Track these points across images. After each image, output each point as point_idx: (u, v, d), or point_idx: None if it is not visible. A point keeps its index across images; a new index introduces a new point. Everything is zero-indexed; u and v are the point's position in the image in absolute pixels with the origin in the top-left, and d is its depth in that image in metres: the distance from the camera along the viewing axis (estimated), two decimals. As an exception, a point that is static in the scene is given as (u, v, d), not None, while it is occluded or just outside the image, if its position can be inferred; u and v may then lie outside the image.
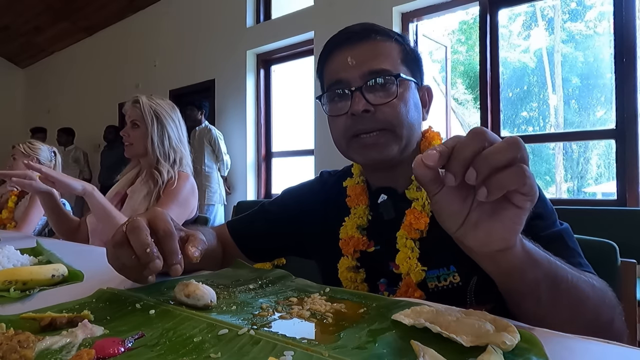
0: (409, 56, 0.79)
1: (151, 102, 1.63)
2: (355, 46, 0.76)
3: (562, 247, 0.65)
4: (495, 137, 0.42)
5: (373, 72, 0.74)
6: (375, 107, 0.74)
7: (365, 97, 0.74)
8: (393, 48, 0.78)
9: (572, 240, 0.68)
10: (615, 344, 0.40)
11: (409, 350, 0.38)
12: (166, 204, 1.50)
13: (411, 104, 0.77)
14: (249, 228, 0.95)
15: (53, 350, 0.40)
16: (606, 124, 6.47)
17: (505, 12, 3.18)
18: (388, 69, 0.75)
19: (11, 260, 0.78)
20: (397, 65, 0.77)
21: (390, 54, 0.77)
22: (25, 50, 7.47)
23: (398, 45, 0.79)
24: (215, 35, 4.73)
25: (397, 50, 0.78)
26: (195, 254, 0.60)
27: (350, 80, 0.75)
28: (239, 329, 0.44)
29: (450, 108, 3.81)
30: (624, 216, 2.17)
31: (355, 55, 0.76)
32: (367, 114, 0.74)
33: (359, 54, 0.76)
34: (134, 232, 0.57)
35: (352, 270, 0.81)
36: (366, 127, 0.75)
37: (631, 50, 2.51)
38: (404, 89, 0.76)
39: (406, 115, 0.75)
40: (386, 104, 0.74)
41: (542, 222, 0.68)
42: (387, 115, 0.74)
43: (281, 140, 4.53)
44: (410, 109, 0.76)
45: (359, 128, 0.75)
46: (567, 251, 0.65)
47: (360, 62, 0.75)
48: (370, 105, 0.73)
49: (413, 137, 0.78)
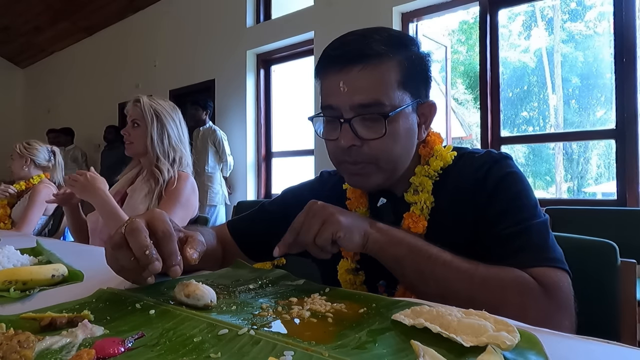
0: (410, 73, 0.74)
1: (152, 102, 1.64)
2: (349, 70, 0.71)
3: (524, 244, 0.68)
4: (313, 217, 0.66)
5: (363, 106, 0.71)
6: (362, 141, 0.73)
7: (354, 130, 0.72)
8: (391, 70, 0.72)
9: (540, 235, 0.69)
10: (615, 344, 0.40)
11: (409, 350, 0.38)
12: (169, 206, 1.50)
13: (402, 135, 0.74)
14: (249, 227, 0.95)
15: (53, 350, 0.40)
16: (606, 124, 6.47)
17: (505, 12, 3.17)
18: (380, 101, 0.71)
19: (11, 260, 0.78)
20: (393, 91, 0.72)
21: (386, 80, 0.72)
22: (25, 50, 7.47)
23: (397, 65, 0.72)
24: (215, 35, 4.73)
25: (396, 71, 0.72)
26: (193, 256, 0.59)
27: (341, 108, 0.73)
28: (239, 329, 0.44)
29: (450, 108, 3.81)
30: (624, 216, 2.17)
31: (347, 81, 0.71)
32: (354, 147, 0.74)
33: (351, 81, 0.71)
34: (132, 234, 0.57)
35: (351, 272, 0.81)
36: (352, 159, 0.75)
37: (631, 50, 2.50)
38: (395, 124, 0.73)
39: (393, 149, 0.74)
40: (374, 140, 0.73)
41: (514, 217, 0.70)
42: (374, 150, 0.73)
43: (281, 140, 4.53)
44: (399, 142, 0.74)
45: (345, 159, 0.76)
46: (529, 247, 0.67)
47: (351, 91, 0.71)
48: (358, 140, 0.73)
49: (400, 165, 0.78)
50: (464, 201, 0.75)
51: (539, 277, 0.64)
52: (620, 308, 0.80)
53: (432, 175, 0.78)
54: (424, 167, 0.79)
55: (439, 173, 0.78)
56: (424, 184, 0.78)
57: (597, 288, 0.81)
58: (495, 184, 0.72)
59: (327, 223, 0.64)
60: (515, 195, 0.72)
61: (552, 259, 0.67)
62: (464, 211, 0.74)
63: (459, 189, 0.76)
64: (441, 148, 0.81)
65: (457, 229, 0.74)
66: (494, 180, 0.73)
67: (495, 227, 0.70)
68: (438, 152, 0.80)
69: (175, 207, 1.52)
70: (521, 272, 0.64)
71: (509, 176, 0.73)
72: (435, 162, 0.79)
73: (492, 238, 0.70)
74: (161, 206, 1.52)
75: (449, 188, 0.77)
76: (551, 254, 0.68)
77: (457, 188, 0.76)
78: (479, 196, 0.73)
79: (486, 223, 0.72)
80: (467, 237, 0.73)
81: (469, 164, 0.77)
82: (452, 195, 0.76)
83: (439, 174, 0.78)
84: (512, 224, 0.69)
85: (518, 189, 0.72)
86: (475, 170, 0.75)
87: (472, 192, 0.74)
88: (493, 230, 0.70)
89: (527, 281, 0.63)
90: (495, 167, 0.74)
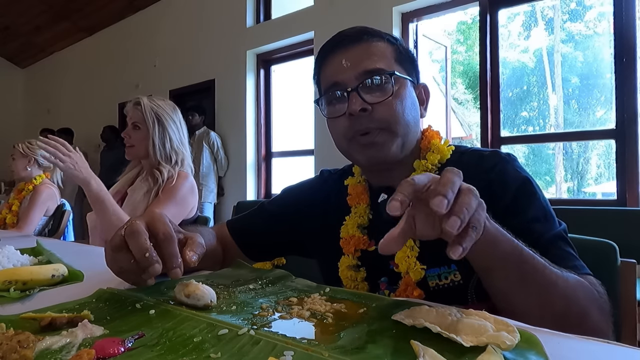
0: (402, 55, 0.80)
1: (152, 104, 1.62)
2: (349, 49, 0.78)
3: (559, 252, 0.67)
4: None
5: (368, 72, 0.75)
6: (372, 106, 0.74)
7: (361, 96, 0.74)
8: (386, 48, 0.79)
9: (567, 242, 0.69)
10: (615, 344, 0.40)
11: (409, 350, 0.38)
12: (163, 202, 1.49)
13: (408, 101, 0.77)
14: (249, 227, 0.95)
15: (53, 350, 0.40)
16: (606, 124, 6.48)
17: (504, 12, 3.17)
18: (382, 68, 0.76)
19: (11, 260, 0.78)
20: (392, 64, 0.78)
21: (384, 53, 0.78)
22: (25, 50, 7.46)
23: (391, 45, 0.80)
24: (215, 35, 4.73)
25: (391, 50, 0.79)
26: (192, 259, 0.59)
27: (346, 81, 0.76)
28: (239, 329, 0.44)
29: (450, 108, 3.81)
30: (624, 216, 2.17)
31: (349, 58, 0.77)
32: (365, 113, 0.74)
33: (353, 56, 0.77)
34: (132, 236, 0.57)
35: (352, 269, 0.81)
36: (364, 127, 0.75)
37: (631, 50, 2.50)
38: (399, 87, 0.77)
39: (403, 112, 0.76)
40: (383, 103, 0.74)
41: (541, 225, 0.69)
42: (384, 113, 0.75)
43: (281, 140, 4.53)
44: (407, 107, 0.77)
45: (357, 129, 0.76)
46: (564, 255, 0.66)
47: (354, 64, 0.76)
48: (367, 104, 0.74)
49: (410, 134, 0.78)
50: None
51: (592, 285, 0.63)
52: (620, 308, 0.80)
53: (430, 169, 0.78)
54: (422, 162, 0.79)
55: (437, 167, 0.78)
56: None
57: (597, 288, 0.81)
58: (516, 191, 0.71)
59: (480, 207, 0.49)
60: (539, 204, 0.71)
61: (583, 266, 0.67)
62: None
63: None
64: (438, 142, 0.81)
65: None
66: (514, 186, 0.72)
67: (530, 234, 0.64)
68: (435, 146, 0.80)
69: (169, 204, 1.49)
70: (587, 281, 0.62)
71: (530, 184, 0.73)
72: (432, 156, 0.79)
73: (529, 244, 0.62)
74: (155, 202, 1.50)
75: None
76: (580, 261, 0.67)
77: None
78: (498, 200, 0.69)
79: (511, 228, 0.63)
80: None
81: (476, 162, 0.76)
82: None
83: (437, 167, 0.78)
84: (545, 231, 0.68)
85: (539, 198, 0.72)
86: (487, 170, 0.74)
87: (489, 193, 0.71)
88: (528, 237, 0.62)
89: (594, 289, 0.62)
90: (510, 170, 0.74)
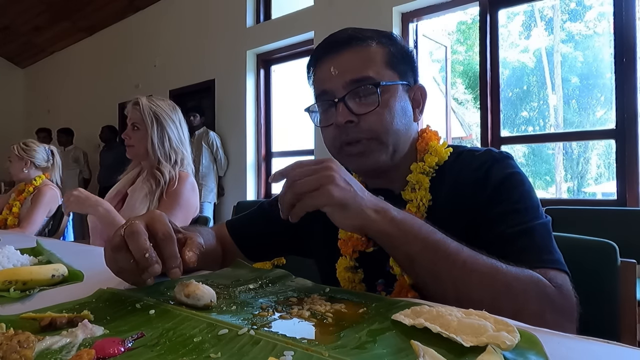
0: (395, 58, 0.78)
1: (151, 104, 1.62)
2: (338, 55, 0.76)
3: (527, 244, 0.67)
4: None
5: (355, 81, 0.74)
6: (359, 117, 0.74)
7: (348, 107, 0.74)
8: (376, 52, 0.77)
9: (543, 236, 0.69)
10: (615, 344, 0.40)
11: (409, 350, 0.38)
12: (169, 208, 1.50)
13: (397, 109, 0.76)
14: (248, 227, 0.95)
15: (53, 350, 0.40)
16: (606, 124, 6.48)
17: (504, 12, 3.17)
18: (370, 76, 0.74)
19: (11, 260, 0.78)
20: (381, 69, 0.76)
21: (374, 59, 0.76)
22: (25, 50, 7.46)
23: (383, 48, 0.77)
24: (215, 35, 4.73)
25: (382, 54, 0.77)
26: (192, 259, 0.59)
27: (334, 90, 0.76)
28: (239, 329, 0.44)
29: (450, 108, 3.81)
30: (624, 216, 2.17)
31: (337, 65, 0.76)
32: (352, 124, 0.74)
33: (341, 63, 0.76)
34: (132, 236, 0.56)
35: (350, 270, 0.81)
36: (352, 137, 0.75)
37: (631, 50, 2.50)
38: (388, 95, 0.75)
39: (392, 122, 0.75)
40: (371, 113, 0.74)
41: (517, 217, 0.69)
42: (372, 124, 0.74)
43: (281, 140, 4.53)
44: (396, 115, 0.76)
45: (344, 139, 0.76)
46: (532, 248, 0.67)
47: (342, 72, 0.75)
48: (353, 116, 0.74)
49: (401, 141, 0.78)
50: (463, 199, 0.74)
51: (550, 280, 0.63)
52: (620, 308, 0.80)
53: (428, 172, 0.78)
54: (419, 164, 0.79)
55: (434, 169, 0.78)
56: (421, 181, 0.78)
57: (597, 288, 0.81)
58: (498, 184, 0.72)
59: (320, 191, 0.56)
60: (519, 196, 0.71)
61: (555, 260, 0.67)
62: (462, 209, 0.74)
63: (457, 187, 0.76)
64: (436, 144, 0.81)
65: (454, 227, 0.74)
66: (497, 180, 0.72)
67: (498, 226, 0.69)
68: (433, 147, 0.80)
69: (175, 209, 1.51)
70: (536, 273, 0.62)
71: (512, 176, 0.73)
72: (430, 158, 0.79)
73: (495, 237, 0.69)
74: (161, 208, 1.51)
75: (447, 185, 0.77)
76: (554, 256, 0.67)
77: (456, 186, 0.76)
78: (480, 195, 0.73)
79: (487, 222, 0.71)
80: (464, 235, 0.73)
81: (469, 162, 0.77)
82: (450, 192, 0.76)
83: (435, 170, 0.78)
84: (515, 224, 0.69)
85: (521, 190, 0.72)
86: (476, 168, 0.75)
87: (472, 191, 0.74)
88: (496, 229, 0.69)
89: (545, 284, 0.62)
90: (497, 166, 0.74)
